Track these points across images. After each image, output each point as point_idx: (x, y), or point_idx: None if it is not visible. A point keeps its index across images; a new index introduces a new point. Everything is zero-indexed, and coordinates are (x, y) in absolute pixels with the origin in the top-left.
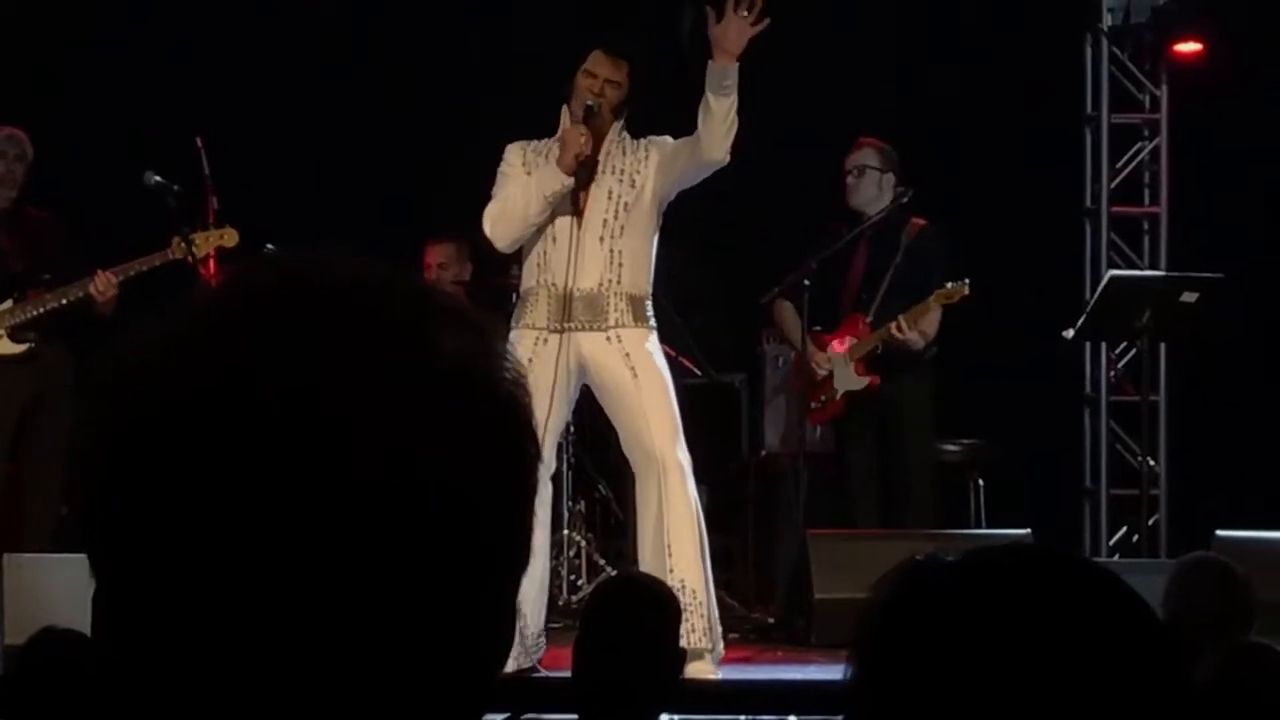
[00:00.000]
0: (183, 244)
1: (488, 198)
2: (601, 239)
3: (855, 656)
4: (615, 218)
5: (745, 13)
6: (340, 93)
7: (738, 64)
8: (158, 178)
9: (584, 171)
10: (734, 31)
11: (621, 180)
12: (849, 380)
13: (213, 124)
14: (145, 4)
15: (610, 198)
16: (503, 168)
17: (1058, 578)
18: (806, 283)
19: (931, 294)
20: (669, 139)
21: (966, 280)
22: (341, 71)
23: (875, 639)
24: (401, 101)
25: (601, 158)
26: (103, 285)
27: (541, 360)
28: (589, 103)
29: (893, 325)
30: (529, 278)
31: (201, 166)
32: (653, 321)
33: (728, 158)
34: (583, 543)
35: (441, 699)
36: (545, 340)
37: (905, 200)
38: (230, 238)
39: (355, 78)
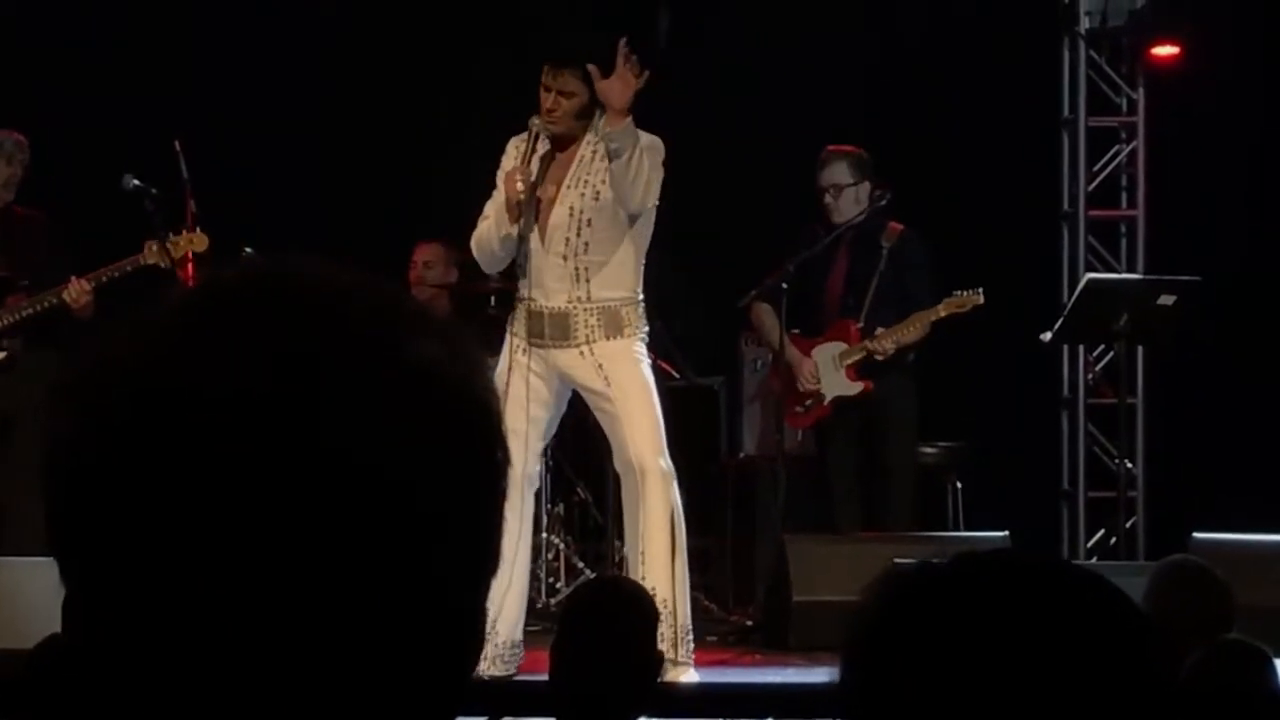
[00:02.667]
0: (156, 249)
1: (479, 201)
2: (565, 257)
3: (844, 661)
4: (578, 235)
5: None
6: (322, 94)
7: (629, 120)
8: (136, 181)
9: (527, 209)
10: (618, 88)
11: (584, 195)
12: (841, 386)
13: (191, 127)
14: (124, 6)
15: (572, 215)
16: (499, 171)
17: (1047, 583)
18: (784, 285)
19: (916, 299)
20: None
21: (980, 289)
22: (323, 73)
23: (864, 644)
24: (384, 103)
25: (573, 167)
26: (76, 293)
27: (521, 369)
28: (535, 129)
29: (876, 343)
30: (519, 288)
31: (180, 169)
32: (633, 328)
33: (647, 205)
34: (561, 546)
35: (411, 701)
36: (525, 351)
37: (884, 204)
38: (201, 242)
39: (337, 79)
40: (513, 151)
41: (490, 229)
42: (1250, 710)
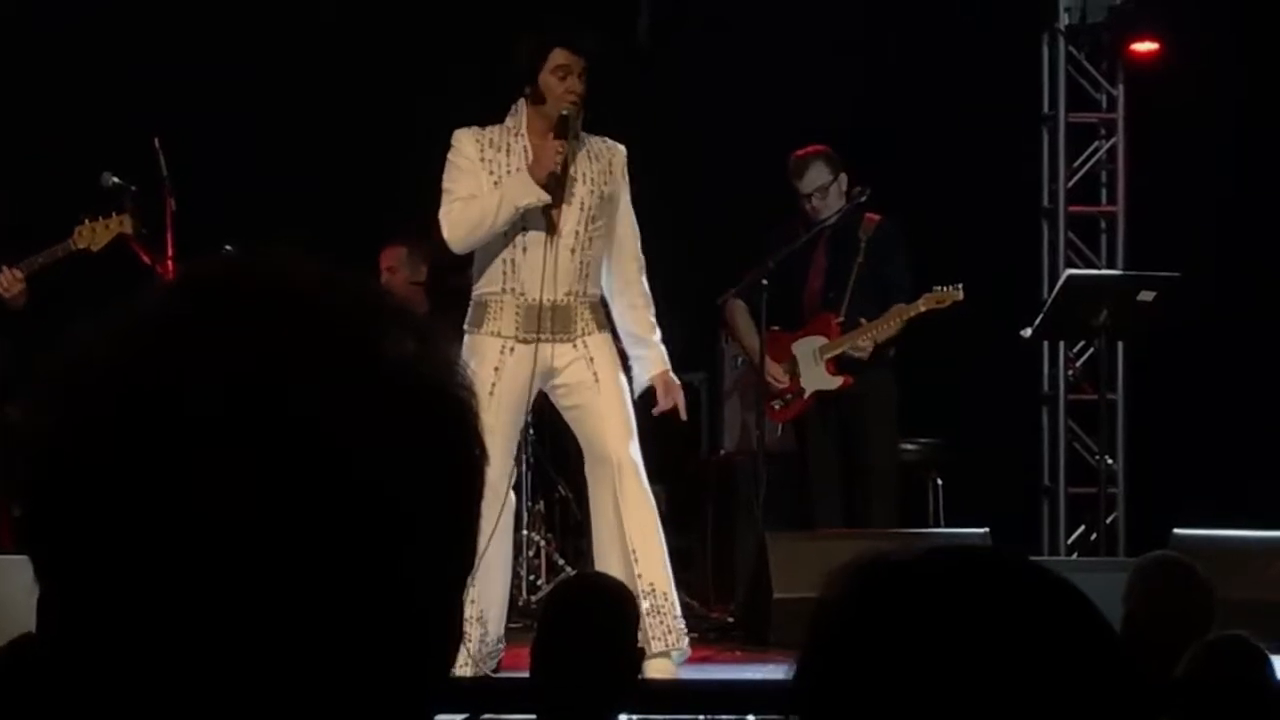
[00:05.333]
0: (85, 233)
1: (440, 190)
2: (573, 251)
3: (803, 655)
4: (585, 230)
5: None
6: (302, 93)
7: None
8: (115, 178)
9: (555, 186)
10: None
11: (593, 192)
12: (821, 380)
13: (170, 125)
14: (102, 3)
15: (582, 209)
16: (454, 157)
17: (1009, 582)
18: (765, 282)
19: (895, 289)
20: (626, 194)
21: (960, 285)
22: (304, 71)
23: (823, 638)
24: (358, 102)
25: (573, 164)
26: (6, 282)
27: (509, 369)
28: (564, 112)
29: (853, 340)
30: (492, 283)
31: (159, 167)
32: (608, 323)
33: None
34: (542, 543)
35: (388, 700)
36: (512, 349)
37: (863, 199)
38: (126, 224)
39: (317, 77)
40: (470, 143)
41: (488, 202)
42: (1248, 707)
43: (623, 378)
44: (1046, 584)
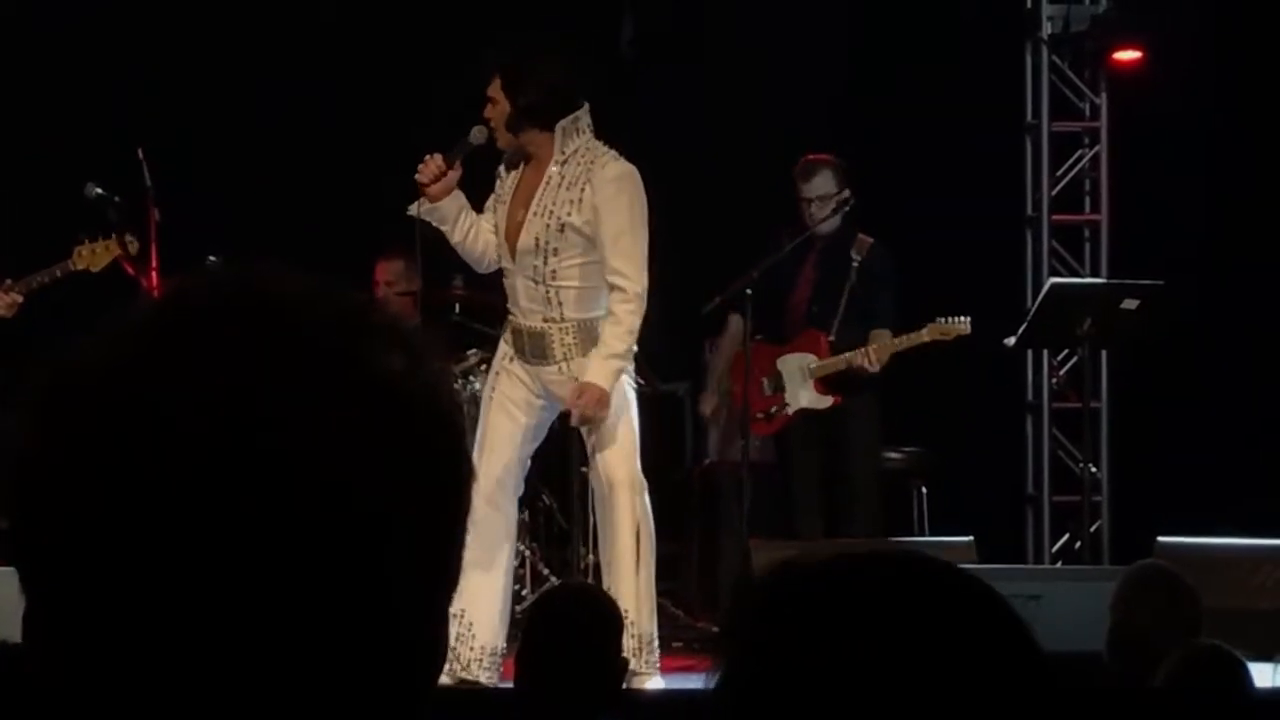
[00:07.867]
0: (85, 254)
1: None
2: (536, 281)
3: (718, 661)
4: (545, 263)
5: None
6: (286, 103)
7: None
8: (99, 190)
9: (450, 198)
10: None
11: (549, 225)
12: (809, 398)
13: (155, 135)
14: (87, 13)
15: (537, 245)
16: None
17: (924, 584)
18: (749, 291)
19: (879, 315)
20: (607, 214)
21: (968, 318)
22: (287, 80)
23: (737, 643)
24: (348, 111)
25: (539, 192)
26: (5, 305)
27: (507, 376)
28: (474, 140)
29: (864, 357)
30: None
31: (143, 178)
32: None
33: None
34: (527, 553)
35: (372, 712)
36: (512, 359)
37: (848, 207)
38: (130, 246)
39: (301, 87)
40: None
41: None
42: (1225, 715)
43: (624, 396)
44: (961, 586)
